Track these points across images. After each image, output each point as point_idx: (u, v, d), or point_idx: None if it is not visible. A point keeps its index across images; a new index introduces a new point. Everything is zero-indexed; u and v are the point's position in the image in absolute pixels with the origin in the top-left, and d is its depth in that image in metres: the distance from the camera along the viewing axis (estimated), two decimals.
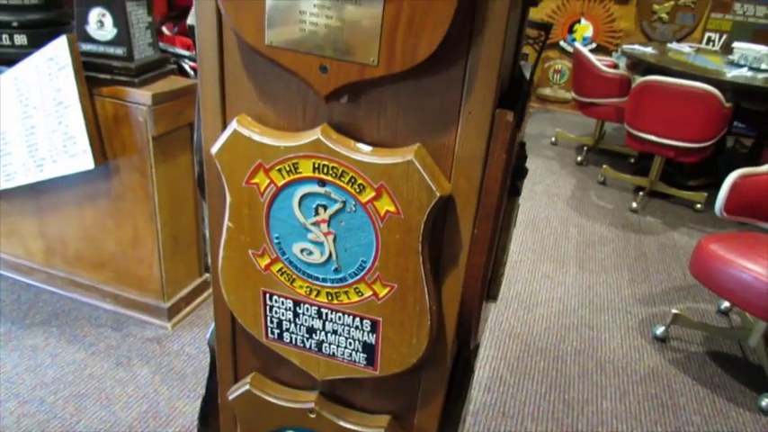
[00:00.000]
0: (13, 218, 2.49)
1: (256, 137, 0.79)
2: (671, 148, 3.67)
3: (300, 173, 0.79)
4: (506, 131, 0.71)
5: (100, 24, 2.13)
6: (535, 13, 5.34)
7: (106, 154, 2.26)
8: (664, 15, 5.00)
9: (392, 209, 0.77)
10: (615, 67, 4.29)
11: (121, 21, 2.12)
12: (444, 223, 0.81)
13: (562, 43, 5.37)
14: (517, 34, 0.87)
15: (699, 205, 3.94)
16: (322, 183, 0.79)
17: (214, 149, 0.81)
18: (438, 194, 0.74)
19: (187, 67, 2.46)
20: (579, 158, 4.52)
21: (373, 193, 0.77)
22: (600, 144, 4.68)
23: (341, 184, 0.78)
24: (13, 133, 2.26)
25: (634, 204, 3.90)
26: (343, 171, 0.77)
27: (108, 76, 2.19)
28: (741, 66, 4.01)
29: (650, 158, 3.98)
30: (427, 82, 0.72)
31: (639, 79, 3.66)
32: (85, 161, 2.23)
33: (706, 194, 3.89)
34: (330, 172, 0.78)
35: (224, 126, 0.83)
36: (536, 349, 2.48)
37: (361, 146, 0.77)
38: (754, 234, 2.56)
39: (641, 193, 4.00)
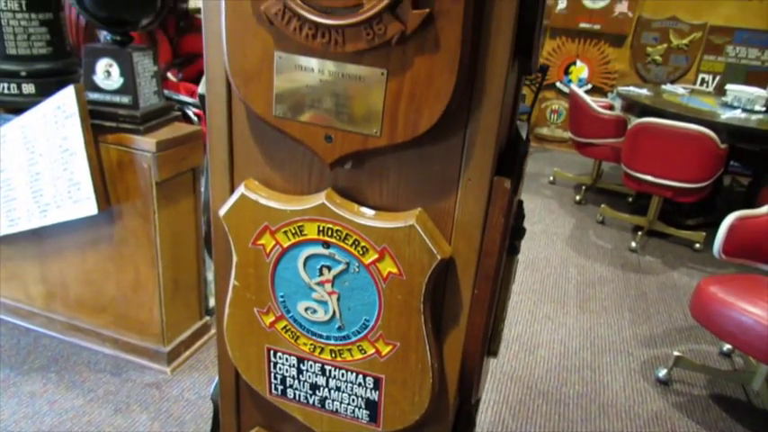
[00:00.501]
0: (15, 262, 2.50)
1: (263, 201, 0.81)
2: (668, 188, 3.71)
3: (306, 235, 0.81)
4: (504, 197, 0.74)
5: (107, 74, 2.19)
6: None
7: (110, 199, 2.29)
8: (657, 57, 5.13)
9: (395, 270, 0.79)
10: (611, 108, 4.38)
11: (128, 71, 2.18)
12: (445, 284, 0.82)
13: (558, 84, 5.49)
14: (513, 99, 0.90)
15: (698, 245, 3.96)
16: (326, 245, 0.81)
17: (222, 212, 0.84)
18: (439, 257, 0.76)
19: (191, 114, 2.51)
20: (578, 197, 4.56)
21: (376, 256, 0.79)
22: (598, 183, 4.73)
23: (345, 246, 0.80)
24: (19, 179, 2.30)
25: (633, 244, 3.92)
26: (347, 234, 0.79)
27: (114, 124, 2.24)
28: (735, 107, 4.09)
29: (648, 198, 4.02)
30: (428, 150, 0.75)
31: (635, 120, 3.73)
32: (89, 207, 2.25)
33: (704, 234, 3.91)
34: (334, 235, 0.80)
35: (232, 189, 0.86)
36: (538, 392, 2.46)
37: (364, 210, 0.79)
38: (754, 276, 2.56)
39: (640, 233, 4.02)
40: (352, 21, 0.65)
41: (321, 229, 0.80)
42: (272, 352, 0.93)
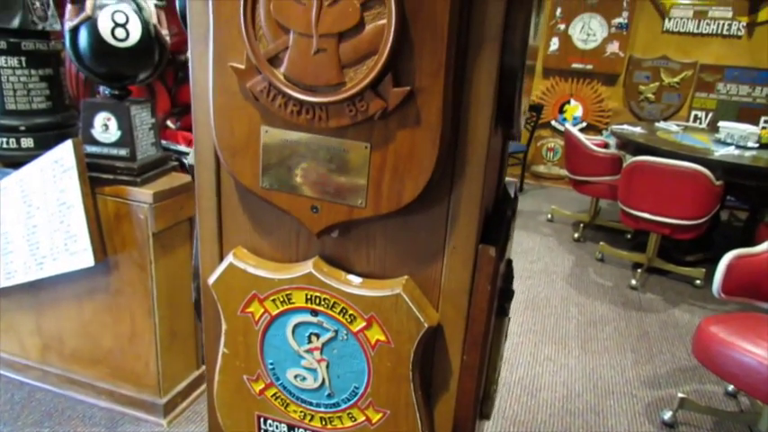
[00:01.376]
0: (11, 314, 2.49)
1: (251, 269, 0.81)
2: (665, 225, 3.71)
3: (294, 303, 0.81)
4: (490, 265, 0.74)
5: (105, 128, 2.22)
6: None
7: (106, 251, 2.29)
8: (650, 95, 5.20)
9: (383, 338, 0.79)
10: (606, 146, 4.41)
11: (125, 124, 2.21)
12: (434, 350, 0.82)
13: (554, 122, 5.56)
14: (499, 162, 0.92)
15: (698, 281, 3.94)
16: (315, 313, 0.81)
17: (211, 280, 0.84)
18: (426, 325, 0.76)
19: (188, 163, 2.53)
20: (576, 235, 4.56)
21: (364, 323, 0.79)
22: (596, 220, 4.74)
23: (333, 314, 0.80)
24: (16, 233, 2.31)
25: (633, 281, 3.90)
26: (334, 302, 0.79)
27: (111, 176, 2.26)
28: (728, 144, 4.13)
29: (647, 234, 4.02)
30: (413, 218, 0.75)
31: (630, 159, 3.76)
32: (86, 259, 2.25)
33: (704, 270, 3.89)
34: (322, 303, 0.80)
35: (221, 256, 0.86)
36: None
37: (351, 278, 0.79)
38: (755, 314, 2.54)
39: (640, 270, 4.00)
40: (336, 99, 0.67)
41: (309, 297, 0.80)
42: (262, 419, 0.92)
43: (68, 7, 2.07)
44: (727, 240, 4.79)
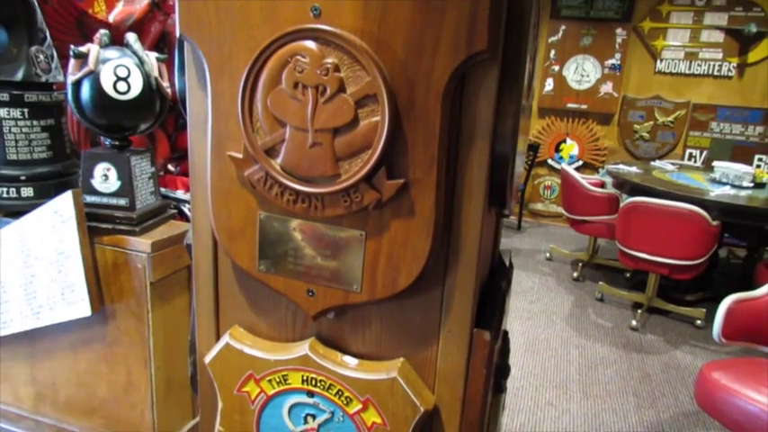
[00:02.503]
0: (5, 363, 2.46)
1: (248, 350, 0.81)
2: (664, 265, 3.71)
3: (290, 384, 0.81)
4: (485, 349, 0.74)
5: (105, 178, 2.24)
6: None
7: (104, 300, 2.28)
8: (645, 134, 5.27)
9: (378, 420, 0.78)
10: (602, 185, 4.44)
11: (125, 174, 2.23)
12: (431, 431, 0.81)
13: (550, 161, 5.61)
14: (494, 236, 0.93)
15: (699, 321, 3.92)
16: (311, 394, 0.81)
17: (208, 359, 0.84)
18: (422, 409, 0.76)
19: (187, 211, 2.55)
20: (575, 274, 4.55)
21: (360, 406, 0.78)
22: (594, 259, 4.74)
23: (329, 395, 0.79)
24: (13, 282, 2.30)
25: (633, 322, 3.87)
26: (330, 384, 0.79)
27: (110, 226, 2.26)
28: (724, 183, 4.16)
29: (646, 273, 4.01)
30: (408, 302, 0.76)
31: (626, 200, 3.78)
32: (83, 309, 2.24)
33: (704, 310, 3.87)
34: (318, 384, 0.79)
35: (217, 334, 0.86)
36: None
37: (347, 359, 0.79)
38: (757, 360, 2.52)
39: (640, 311, 3.98)
40: (331, 190, 0.68)
41: (305, 378, 0.80)
42: None
43: (72, 61, 2.11)
44: (727, 279, 4.78)
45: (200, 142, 0.77)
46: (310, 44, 0.65)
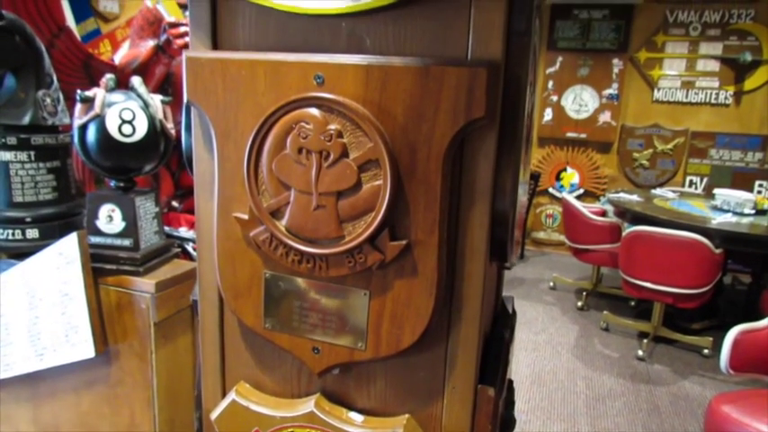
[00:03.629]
0: (7, 405, 2.44)
1: (254, 407, 0.81)
2: (668, 294, 3.69)
3: None
4: (489, 405, 0.74)
5: (109, 219, 2.25)
6: None
7: (107, 341, 2.27)
8: (645, 162, 5.31)
9: None
10: (604, 213, 4.45)
11: (130, 215, 2.25)
12: None
13: (551, 190, 5.64)
14: (496, 284, 0.93)
15: (706, 350, 3.88)
16: None
17: (214, 416, 0.84)
18: None
19: (190, 249, 2.56)
20: (579, 303, 4.53)
21: None
22: (598, 287, 4.72)
23: None
24: (17, 324, 2.30)
25: (640, 352, 3.84)
26: None
27: (114, 266, 2.27)
28: (725, 210, 4.16)
29: (651, 301, 3.99)
30: (412, 359, 0.76)
31: (628, 229, 3.78)
32: (86, 350, 2.23)
33: (711, 339, 3.84)
34: None
35: (223, 389, 0.86)
36: None
37: (353, 416, 0.79)
38: (767, 391, 2.49)
39: (646, 340, 3.94)
40: (335, 251, 0.69)
41: None
42: None
43: (78, 105, 2.15)
44: (733, 306, 4.75)
45: (207, 203, 0.79)
46: (314, 111, 0.67)
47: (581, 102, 5.35)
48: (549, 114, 5.51)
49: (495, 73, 0.62)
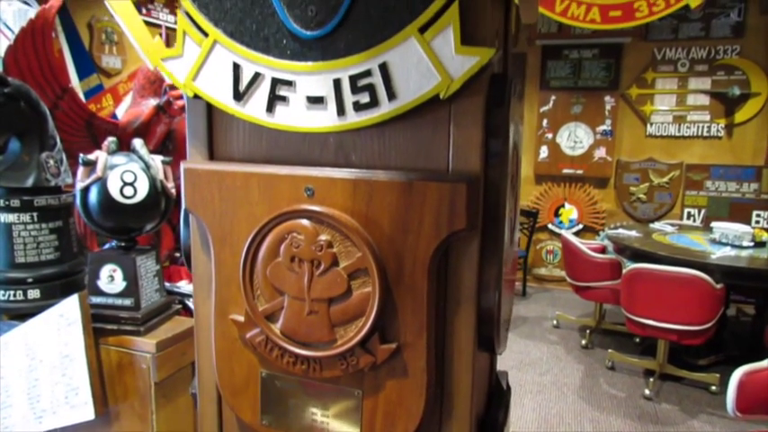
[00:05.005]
0: None
1: None
2: (672, 332, 3.67)
3: None
4: None
5: (110, 279, 2.28)
6: (521, 200, 5.71)
7: (107, 402, 2.26)
8: (642, 196, 5.35)
9: None
10: (604, 250, 4.46)
11: (130, 274, 2.27)
12: None
13: (550, 226, 5.67)
14: (489, 365, 0.95)
15: (714, 387, 3.83)
16: None
17: None
18: None
19: (191, 305, 2.57)
20: (584, 341, 4.51)
21: None
22: (602, 324, 4.70)
23: None
24: (17, 386, 2.30)
25: (647, 391, 3.80)
26: None
27: (115, 326, 2.27)
28: (724, 244, 4.17)
29: (655, 338, 3.96)
30: None
31: (628, 266, 3.79)
32: (86, 412, 2.22)
33: (719, 375, 3.80)
34: None
35: None
36: None
37: None
38: None
39: (652, 378, 3.91)
40: (328, 354, 0.72)
41: None
42: None
43: (80, 168, 2.20)
44: (738, 338, 4.71)
45: (205, 302, 0.81)
46: (305, 222, 0.70)
47: (576, 138, 5.43)
48: (544, 152, 5.58)
49: (474, 186, 0.65)
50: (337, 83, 0.67)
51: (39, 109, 2.14)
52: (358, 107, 0.67)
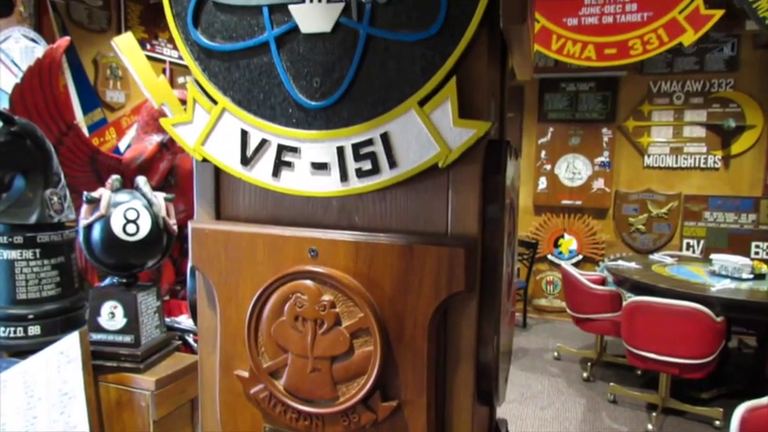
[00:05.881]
0: None
1: None
2: (673, 365, 3.65)
3: None
4: None
5: (111, 315, 2.28)
6: (521, 230, 5.74)
7: None
8: (641, 227, 5.37)
9: None
10: (603, 281, 4.47)
11: (131, 311, 2.27)
12: None
13: (550, 256, 5.68)
14: (489, 413, 0.96)
15: (717, 422, 3.80)
16: None
17: None
18: None
19: (191, 341, 2.57)
20: (585, 374, 4.47)
21: None
22: (603, 356, 4.67)
23: None
24: (15, 424, 2.28)
25: (650, 426, 3.76)
26: None
27: (114, 364, 2.27)
28: (723, 276, 4.17)
29: (657, 371, 3.93)
30: None
31: (629, 298, 3.79)
32: None
33: (722, 409, 3.77)
34: None
35: None
36: None
37: None
38: None
39: (655, 413, 3.87)
40: (330, 411, 0.73)
41: None
42: None
43: (84, 206, 2.22)
44: (740, 371, 4.68)
45: (210, 356, 0.83)
46: (309, 283, 0.72)
47: (574, 170, 5.48)
48: (543, 183, 5.62)
49: (472, 250, 0.68)
50: (340, 150, 0.70)
51: (44, 146, 2.18)
52: (360, 174, 0.70)
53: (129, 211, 2.28)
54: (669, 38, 3.36)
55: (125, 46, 2.65)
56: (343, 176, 0.71)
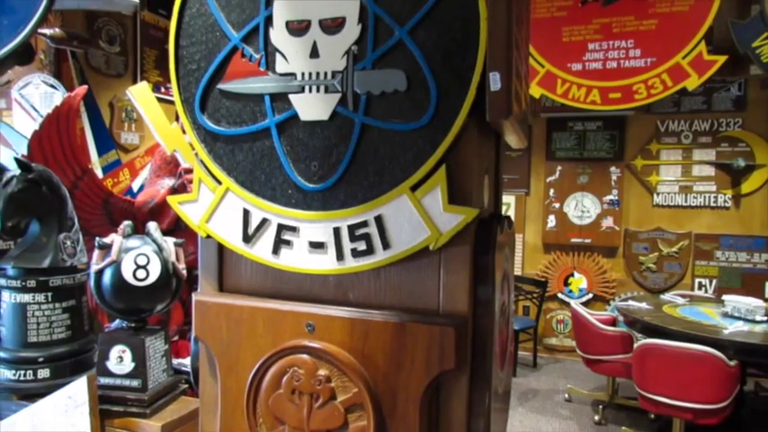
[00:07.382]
0: None
1: None
2: (687, 410, 3.58)
3: None
4: None
5: (119, 360, 2.30)
6: (530, 268, 5.72)
7: None
8: (651, 265, 5.33)
9: None
10: (614, 321, 4.41)
11: (139, 356, 2.29)
12: None
13: (560, 295, 5.64)
14: None
15: None
16: None
17: None
18: None
19: None
20: (597, 417, 4.39)
21: None
22: (615, 399, 4.58)
23: None
24: None
25: None
26: None
27: (121, 408, 2.28)
28: (736, 318, 4.11)
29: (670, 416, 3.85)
30: None
31: (640, 341, 3.74)
32: None
33: None
34: None
35: None
36: None
37: None
38: None
39: None
40: None
41: None
42: None
43: (96, 251, 2.27)
44: (757, 416, 4.56)
45: (211, 423, 0.85)
46: (306, 357, 0.75)
47: (583, 208, 5.48)
48: (552, 221, 5.63)
49: (463, 329, 0.70)
50: (337, 231, 0.73)
51: (59, 192, 2.24)
52: (356, 254, 0.73)
53: (139, 257, 2.33)
54: (673, 82, 3.41)
55: (140, 95, 2.75)
56: (340, 256, 0.74)
